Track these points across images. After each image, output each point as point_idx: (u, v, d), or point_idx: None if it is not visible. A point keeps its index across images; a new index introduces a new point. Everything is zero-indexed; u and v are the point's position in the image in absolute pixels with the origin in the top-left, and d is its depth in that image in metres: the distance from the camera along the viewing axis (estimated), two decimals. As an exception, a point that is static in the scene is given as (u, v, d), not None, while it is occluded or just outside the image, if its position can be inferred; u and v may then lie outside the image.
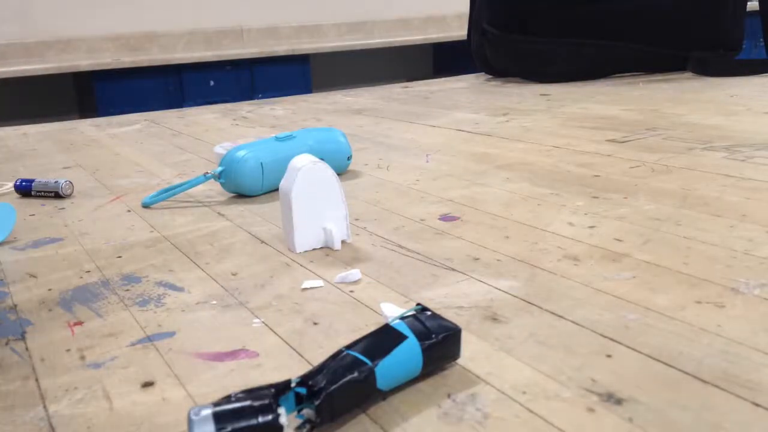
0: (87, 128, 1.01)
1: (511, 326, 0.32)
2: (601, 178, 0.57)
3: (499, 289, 0.36)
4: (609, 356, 0.29)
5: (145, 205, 0.56)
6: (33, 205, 0.59)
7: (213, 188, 0.62)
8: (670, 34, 1.20)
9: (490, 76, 1.34)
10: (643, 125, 0.78)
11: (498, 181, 0.58)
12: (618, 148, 0.67)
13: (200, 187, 0.62)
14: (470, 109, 0.99)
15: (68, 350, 0.32)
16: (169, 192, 0.57)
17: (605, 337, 0.30)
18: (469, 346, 0.30)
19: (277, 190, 0.59)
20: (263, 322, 0.34)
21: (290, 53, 2.64)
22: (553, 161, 0.64)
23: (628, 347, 0.29)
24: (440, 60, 3.43)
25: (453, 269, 0.39)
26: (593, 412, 0.25)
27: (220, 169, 0.57)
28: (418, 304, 0.29)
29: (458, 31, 3.15)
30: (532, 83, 1.22)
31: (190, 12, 2.78)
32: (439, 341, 0.27)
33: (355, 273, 0.39)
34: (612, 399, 0.26)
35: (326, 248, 0.45)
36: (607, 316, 0.32)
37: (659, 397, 0.26)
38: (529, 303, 0.34)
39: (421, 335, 0.27)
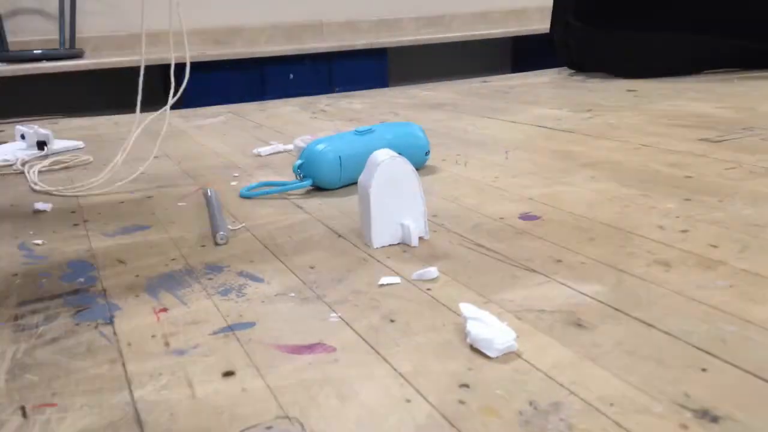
0: (174, 119, 1.04)
1: (597, 333, 0.31)
2: (694, 179, 0.54)
3: (584, 294, 0.35)
4: (704, 370, 0.27)
5: (243, 197, 0.58)
6: (122, 193, 0.61)
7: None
8: (770, 28, 1.13)
9: (573, 71, 1.30)
10: (740, 124, 0.74)
11: (582, 179, 0.56)
12: (712, 148, 0.64)
13: (280, 179, 0.63)
14: (552, 105, 0.96)
15: (153, 336, 0.33)
16: (269, 188, 0.58)
17: (700, 349, 0.29)
18: (551, 351, 0.29)
19: (354, 183, 0.59)
20: (340, 317, 0.34)
21: (368, 47, 2.65)
22: (642, 160, 0.61)
23: (725, 361, 0.27)
24: (520, 54, 3.36)
25: (534, 270, 0.38)
26: (686, 429, 0.24)
27: (299, 162, 0.58)
28: None
29: (539, 24, 3.08)
30: (618, 78, 1.17)
31: (273, 6, 2.83)
32: None
33: (432, 271, 0.39)
34: (707, 416, 0.24)
35: (403, 244, 0.44)
36: (702, 327, 0.30)
37: (759, 415, 0.24)
38: (617, 310, 0.33)
39: None
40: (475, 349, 0.30)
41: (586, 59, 1.26)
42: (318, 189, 0.59)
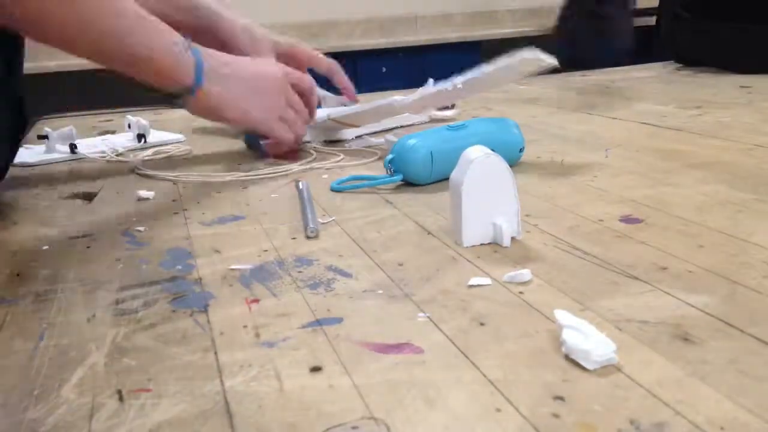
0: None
1: (706, 349, 0.28)
2: (818, 184, 0.50)
3: (691, 305, 0.32)
4: (831, 399, 0.24)
5: (333, 190, 0.58)
6: (215, 185, 0.63)
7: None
8: None
9: (681, 65, 1.23)
10: None
11: (689, 181, 0.53)
12: (839, 150, 0.58)
13: (371, 173, 0.63)
14: (657, 101, 0.91)
15: (245, 326, 0.34)
16: (359, 182, 0.58)
17: (826, 375, 0.26)
18: (655, 367, 0.27)
19: (445, 179, 0.58)
20: (428, 317, 0.33)
21: (461, 40, 2.62)
22: (756, 162, 0.57)
23: None
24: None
25: (636, 278, 0.36)
26: (810, 464, 0.21)
27: (390, 156, 0.57)
28: None
29: (642, 15, 2.94)
30: (731, 74, 1.10)
31: (369, 0, 2.85)
32: None
33: (525, 273, 0.37)
34: (835, 452, 0.22)
35: (494, 244, 0.43)
36: (828, 350, 0.28)
37: None
38: (728, 324, 0.30)
39: None
40: (570, 360, 0.28)
41: (696, 53, 1.19)
42: (408, 184, 0.58)
